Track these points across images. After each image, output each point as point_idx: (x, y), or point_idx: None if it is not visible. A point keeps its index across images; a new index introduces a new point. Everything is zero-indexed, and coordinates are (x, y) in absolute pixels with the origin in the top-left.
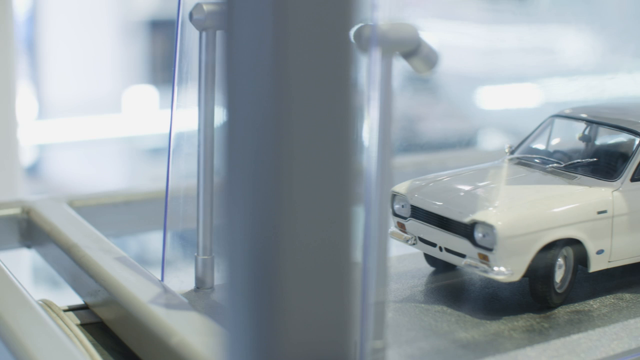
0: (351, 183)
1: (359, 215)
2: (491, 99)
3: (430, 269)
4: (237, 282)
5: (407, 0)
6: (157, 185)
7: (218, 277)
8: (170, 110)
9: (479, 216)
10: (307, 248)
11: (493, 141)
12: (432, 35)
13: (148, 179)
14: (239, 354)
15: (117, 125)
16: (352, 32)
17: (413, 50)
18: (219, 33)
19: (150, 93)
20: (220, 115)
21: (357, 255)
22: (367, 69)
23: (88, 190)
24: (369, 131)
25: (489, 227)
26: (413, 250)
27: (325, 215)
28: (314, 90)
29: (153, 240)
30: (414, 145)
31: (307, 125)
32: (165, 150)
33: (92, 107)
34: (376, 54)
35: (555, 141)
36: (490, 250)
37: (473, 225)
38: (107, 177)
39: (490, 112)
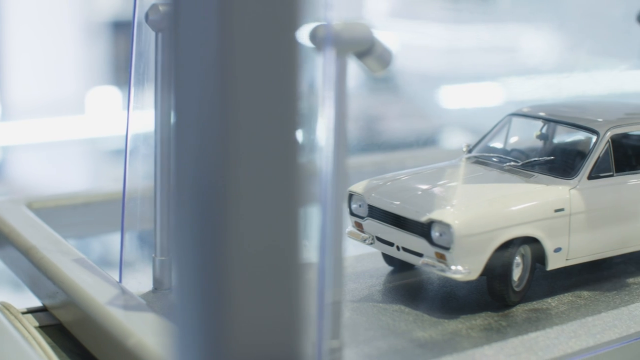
0: (299, 184)
1: (316, 215)
2: (452, 97)
3: (388, 268)
4: (185, 283)
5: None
6: (117, 186)
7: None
8: (126, 111)
9: (435, 215)
10: (254, 249)
11: (454, 140)
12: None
13: (111, 180)
14: (189, 355)
15: (80, 126)
16: (307, 33)
17: (367, 49)
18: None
19: (113, 94)
20: (170, 116)
21: (306, 256)
22: (322, 69)
23: (47, 192)
24: (324, 131)
25: (446, 226)
26: (371, 249)
27: (272, 216)
28: (260, 91)
29: (112, 242)
30: (374, 144)
31: (253, 126)
32: (134, 151)
33: (55, 108)
34: (330, 54)
35: (512, 140)
36: (447, 249)
37: (430, 224)
38: (70, 178)
39: (451, 111)
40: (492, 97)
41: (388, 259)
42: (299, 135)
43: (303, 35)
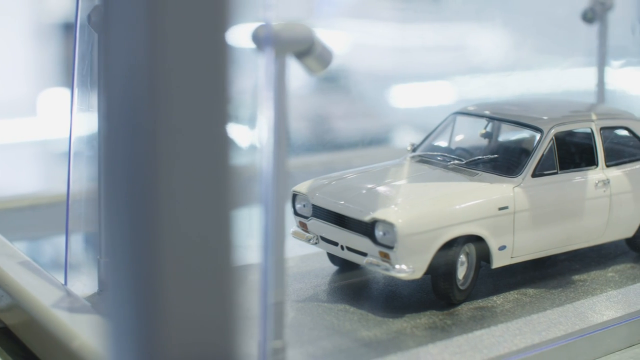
0: (231, 184)
1: (257, 215)
2: (402, 96)
3: (333, 267)
4: (119, 285)
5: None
6: (64, 188)
7: None
8: (69, 113)
9: (379, 214)
10: (186, 249)
11: (403, 139)
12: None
13: (62, 182)
14: (124, 355)
15: (32, 128)
16: (249, 33)
17: (306, 49)
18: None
19: (65, 96)
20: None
21: (241, 256)
22: (262, 69)
23: None
24: (264, 130)
25: (389, 225)
26: (317, 249)
27: (205, 217)
28: (190, 92)
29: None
30: (323, 144)
31: (183, 127)
32: (79, 154)
33: (5, 110)
34: (270, 54)
35: (457, 138)
36: (391, 248)
37: (374, 223)
38: (21, 181)
39: (401, 110)
40: (442, 96)
41: (333, 258)
42: (231, 136)
43: (235, 36)
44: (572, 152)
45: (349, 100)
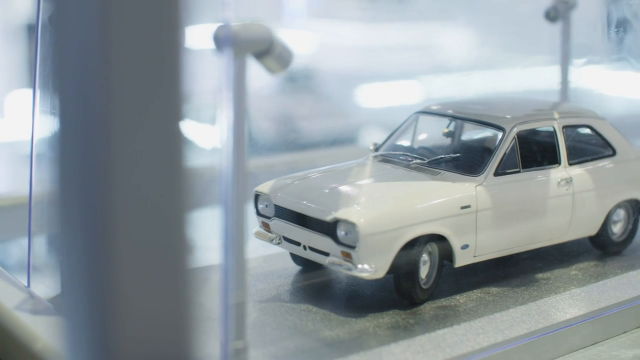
0: (185, 186)
1: (217, 216)
2: (369, 96)
3: (297, 268)
4: (74, 286)
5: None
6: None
7: None
8: (31, 115)
9: (341, 214)
10: (140, 251)
11: (371, 138)
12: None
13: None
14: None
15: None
16: (210, 33)
17: (266, 49)
18: None
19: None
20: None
21: (197, 257)
22: (221, 69)
23: None
24: (223, 131)
25: (351, 225)
26: (280, 249)
27: (158, 218)
28: (143, 93)
29: (22, 246)
30: (288, 144)
31: (136, 129)
32: (41, 155)
33: None
34: (229, 54)
35: (420, 137)
36: (353, 248)
37: (335, 223)
38: None
39: (369, 110)
40: (408, 95)
41: (296, 258)
42: (186, 136)
43: (194, 36)
44: (535, 151)
45: (315, 100)
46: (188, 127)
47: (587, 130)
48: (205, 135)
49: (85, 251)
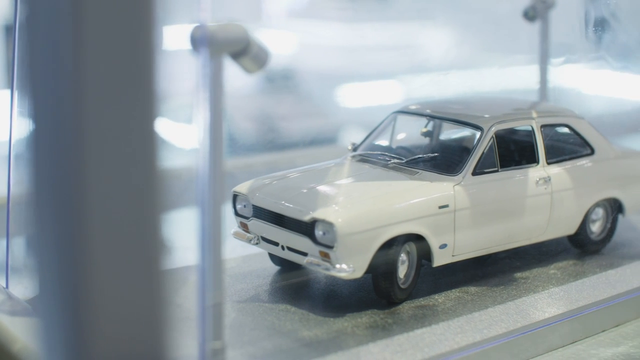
0: (159, 188)
1: (194, 217)
2: (350, 96)
3: (275, 268)
4: (48, 286)
5: None
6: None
7: None
8: (9, 116)
9: (319, 214)
10: (115, 253)
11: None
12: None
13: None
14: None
15: None
16: (187, 34)
17: (242, 50)
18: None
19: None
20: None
21: (171, 259)
22: (198, 70)
23: None
24: (200, 131)
25: (329, 225)
26: (259, 249)
27: (132, 220)
28: (116, 93)
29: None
30: (267, 144)
31: (109, 130)
32: (19, 156)
33: None
34: (205, 55)
35: (399, 137)
36: (331, 247)
37: (313, 223)
38: None
39: (350, 109)
40: (388, 95)
41: (275, 258)
42: (160, 137)
43: (170, 36)
44: (513, 150)
45: (295, 100)
46: (163, 128)
47: (566, 130)
48: (184, 135)
49: (60, 252)
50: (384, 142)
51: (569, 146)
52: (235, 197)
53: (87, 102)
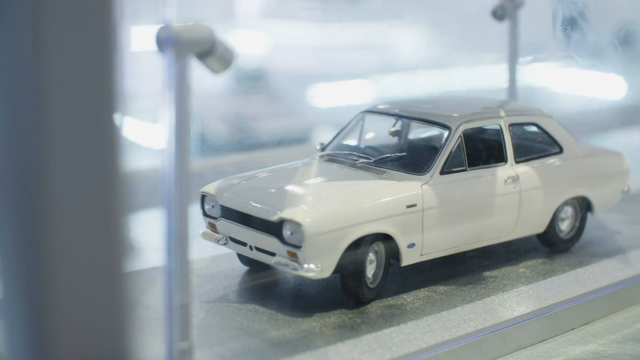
0: (120, 190)
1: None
2: (323, 96)
3: (244, 268)
4: (11, 290)
5: None
6: None
7: None
8: None
9: (286, 214)
10: (76, 255)
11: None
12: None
13: None
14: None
15: None
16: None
17: (208, 50)
18: None
19: None
20: None
21: (132, 261)
22: (163, 70)
23: None
24: (165, 132)
25: (297, 225)
26: (227, 250)
27: (94, 221)
28: (76, 94)
29: None
30: (235, 144)
31: (70, 131)
32: None
33: None
34: (171, 55)
35: (367, 136)
36: (298, 247)
37: (281, 223)
38: None
39: (322, 109)
40: (360, 94)
41: (243, 259)
42: (121, 138)
43: (135, 37)
44: (481, 149)
45: (267, 100)
46: (132, 128)
47: (534, 128)
48: (153, 136)
49: (21, 254)
50: (352, 141)
51: (537, 145)
52: (203, 198)
53: (47, 103)
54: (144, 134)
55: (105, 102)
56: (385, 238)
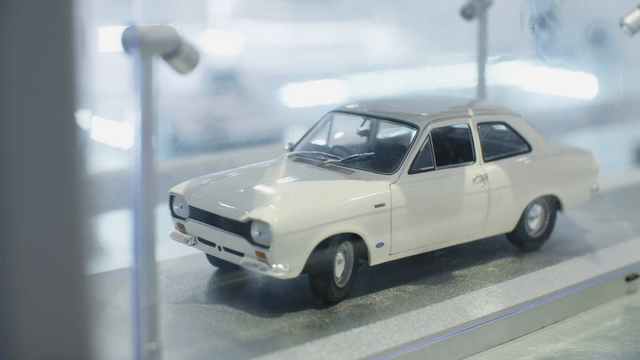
0: (80, 192)
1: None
2: (295, 95)
3: (213, 268)
4: None
5: None
6: None
7: None
8: None
9: (254, 214)
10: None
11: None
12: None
13: None
14: None
15: None
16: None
17: (173, 51)
18: None
19: None
20: None
21: (94, 262)
22: (129, 71)
23: None
24: (131, 133)
25: (265, 225)
26: (196, 250)
27: (55, 223)
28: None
29: None
30: (208, 144)
31: (30, 133)
32: None
33: None
34: (136, 56)
35: (336, 136)
36: (267, 247)
37: (249, 223)
38: None
39: (294, 109)
40: (335, 94)
41: (212, 259)
42: (83, 140)
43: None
44: (450, 148)
45: (238, 100)
46: (94, 129)
47: (503, 127)
48: (122, 136)
49: None
50: (320, 141)
51: (506, 144)
52: (172, 198)
53: (6, 102)
54: (113, 134)
55: (67, 102)
56: (354, 238)
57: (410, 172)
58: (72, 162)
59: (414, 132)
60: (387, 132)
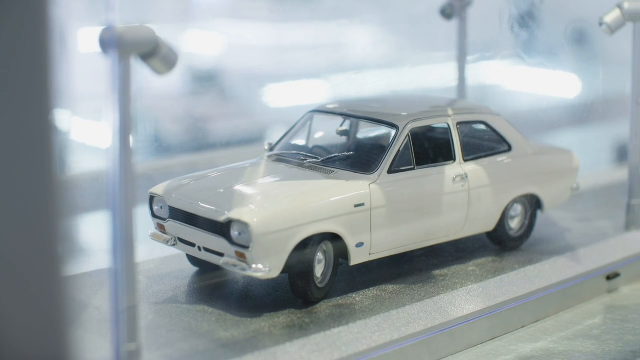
0: (58, 193)
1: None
2: (277, 95)
3: (194, 269)
4: None
5: None
6: None
7: None
8: None
9: (234, 214)
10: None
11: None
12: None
13: None
14: None
15: None
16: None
17: (151, 51)
18: None
19: None
20: None
21: (69, 264)
22: (107, 72)
23: None
24: (109, 134)
25: (244, 225)
26: (177, 251)
27: (30, 225)
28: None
29: None
30: (188, 145)
31: (4, 133)
32: None
33: None
34: (114, 56)
35: (316, 136)
36: (246, 248)
37: (229, 223)
38: None
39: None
40: (317, 94)
41: (192, 260)
42: (57, 140)
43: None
44: (429, 148)
45: (220, 101)
46: (73, 130)
47: (482, 127)
48: (101, 137)
49: None
50: (300, 141)
51: (485, 143)
52: (152, 199)
53: None
54: (92, 134)
55: (44, 103)
56: (334, 237)
57: (390, 171)
58: (50, 163)
59: (393, 132)
60: (367, 131)
